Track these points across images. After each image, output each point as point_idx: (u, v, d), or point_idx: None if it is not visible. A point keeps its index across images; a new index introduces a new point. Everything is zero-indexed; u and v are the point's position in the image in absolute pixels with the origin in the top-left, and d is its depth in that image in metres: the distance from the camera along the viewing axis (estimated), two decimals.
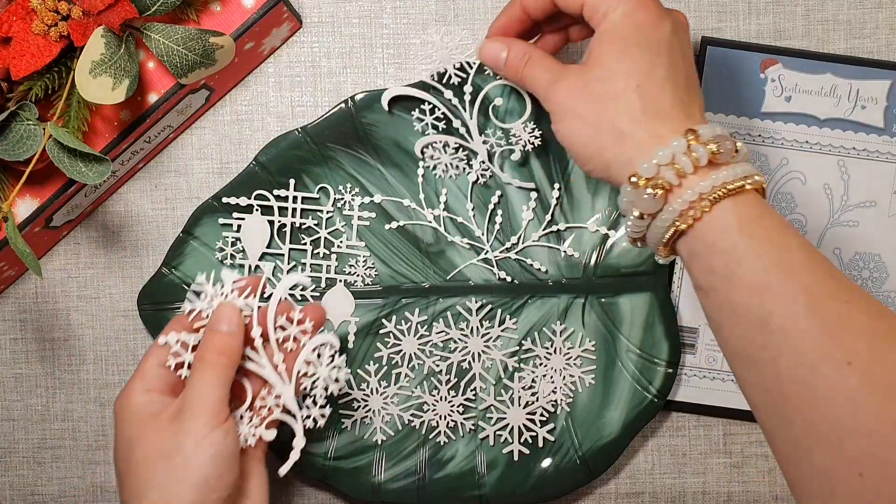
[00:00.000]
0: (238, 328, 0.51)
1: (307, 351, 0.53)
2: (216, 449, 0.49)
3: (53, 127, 0.54)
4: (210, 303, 0.52)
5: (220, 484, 0.49)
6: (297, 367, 0.53)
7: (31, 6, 0.54)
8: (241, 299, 0.52)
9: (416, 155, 0.62)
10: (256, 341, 0.52)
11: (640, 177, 0.47)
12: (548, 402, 0.63)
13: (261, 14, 0.59)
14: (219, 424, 0.49)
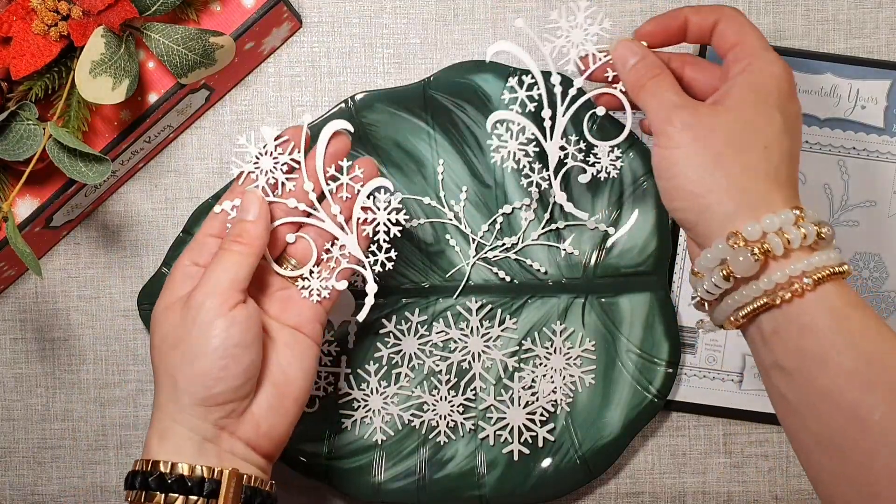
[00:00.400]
0: (260, 215, 0.51)
1: (362, 197, 0.53)
2: (219, 339, 0.48)
3: (53, 127, 0.54)
4: (256, 164, 0.52)
5: (226, 374, 0.48)
6: (355, 215, 0.53)
7: (31, 6, 0.54)
8: (286, 156, 0.52)
9: (486, 129, 0.57)
10: (311, 195, 0.52)
11: (741, 236, 0.45)
12: (548, 402, 0.63)
13: (261, 14, 0.59)
14: (226, 311, 0.48)
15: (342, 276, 0.53)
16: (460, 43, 0.66)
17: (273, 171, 0.52)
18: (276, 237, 0.53)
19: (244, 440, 0.50)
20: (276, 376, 0.51)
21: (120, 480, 0.67)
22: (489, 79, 0.63)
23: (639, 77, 0.51)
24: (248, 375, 0.49)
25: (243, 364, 0.49)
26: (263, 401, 0.51)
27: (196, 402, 0.48)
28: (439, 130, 0.63)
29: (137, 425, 0.66)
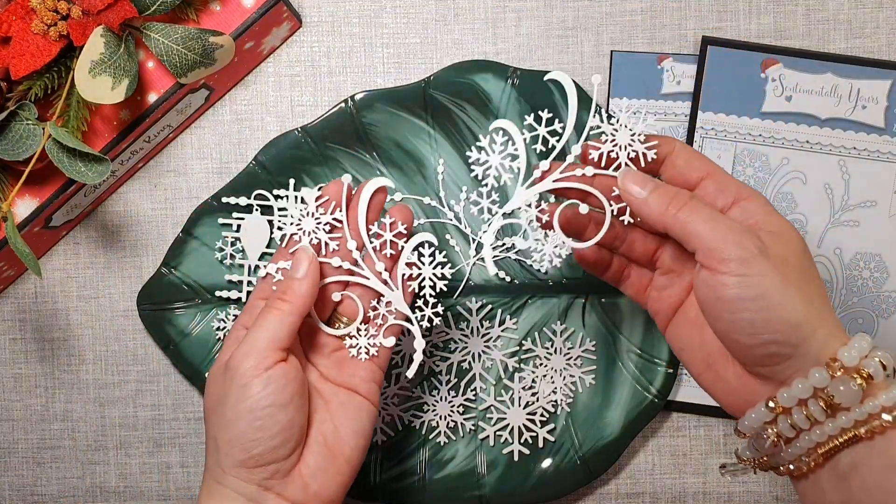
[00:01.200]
0: (308, 273, 0.49)
1: (407, 252, 0.52)
2: (254, 399, 0.47)
3: (53, 126, 0.54)
4: (298, 225, 0.51)
5: (263, 435, 0.47)
6: (400, 271, 0.52)
7: (31, 6, 0.54)
8: (327, 215, 0.51)
9: (487, 133, 0.53)
10: (354, 253, 0.51)
11: (840, 363, 0.43)
12: (548, 403, 0.63)
13: (260, 13, 0.59)
14: (262, 371, 0.47)
15: (390, 332, 0.52)
16: (460, 43, 0.66)
17: (316, 231, 0.51)
18: (323, 296, 0.52)
19: (292, 501, 0.49)
20: (327, 437, 0.50)
21: (119, 480, 0.67)
22: (489, 78, 0.63)
23: (670, 200, 0.45)
24: (286, 435, 0.48)
25: (280, 423, 0.48)
26: (312, 461, 0.49)
27: (236, 464, 0.48)
28: (439, 130, 0.63)
29: (137, 425, 0.66)
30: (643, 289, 0.52)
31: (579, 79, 0.64)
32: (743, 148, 0.64)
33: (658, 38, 0.65)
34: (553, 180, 0.49)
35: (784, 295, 0.43)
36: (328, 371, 0.52)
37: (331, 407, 0.51)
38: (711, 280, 0.44)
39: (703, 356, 0.48)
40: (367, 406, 0.52)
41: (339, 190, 0.51)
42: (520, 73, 0.63)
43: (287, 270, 0.50)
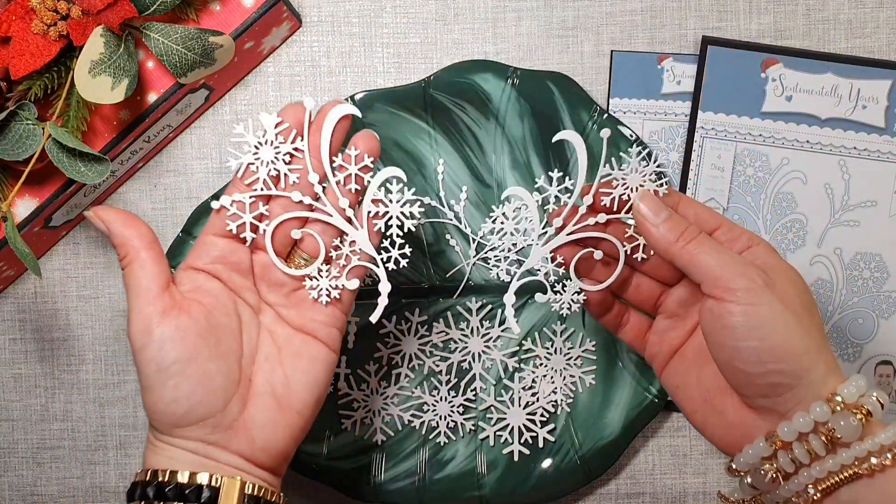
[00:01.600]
0: (117, 222, 0.47)
1: (373, 188, 0.48)
2: (155, 363, 0.45)
3: (53, 126, 0.54)
4: (255, 154, 0.48)
5: (180, 394, 0.45)
6: (365, 208, 0.48)
7: (31, 5, 0.54)
8: (288, 144, 0.47)
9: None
10: (316, 187, 0.48)
11: (841, 399, 0.43)
12: (548, 403, 0.63)
13: (260, 13, 0.59)
14: (152, 333, 0.45)
15: (353, 274, 0.49)
16: (460, 43, 0.66)
17: (274, 161, 0.48)
18: (281, 234, 0.49)
19: (239, 454, 0.47)
20: (276, 387, 0.48)
21: (119, 481, 0.67)
22: (489, 78, 0.63)
23: (680, 230, 0.47)
24: (208, 387, 0.46)
25: (196, 377, 0.46)
26: (259, 414, 0.48)
27: (169, 428, 0.46)
28: (439, 130, 0.63)
29: (137, 425, 0.66)
30: (641, 334, 0.53)
31: (579, 79, 0.64)
32: (743, 148, 0.64)
33: (658, 38, 0.65)
34: (567, 234, 0.50)
35: (788, 325, 0.44)
36: (286, 312, 0.49)
37: (283, 355, 0.49)
38: (717, 308, 0.45)
39: (699, 392, 0.49)
40: (324, 353, 0.49)
41: (300, 115, 0.48)
42: (520, 73, 0.63)
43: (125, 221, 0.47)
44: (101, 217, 0.47)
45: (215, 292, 0.48)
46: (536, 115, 0.63)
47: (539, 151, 0.63)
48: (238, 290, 0.49)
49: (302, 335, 0.49)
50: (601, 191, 0.49)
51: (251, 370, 0.48)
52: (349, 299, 0.50)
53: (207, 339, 0.47)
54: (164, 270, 0.47)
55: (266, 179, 0.48)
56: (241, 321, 0.49)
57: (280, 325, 0.50)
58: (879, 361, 0.65)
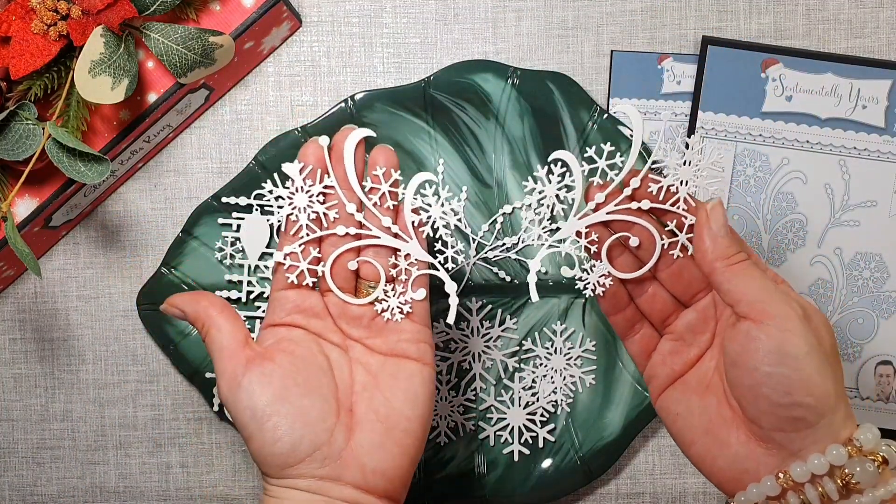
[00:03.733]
0: (190, 299, 0.49)
1: (409, 199, 0.49)
2: (250, 411, 0.46)
3: (53, 126, 0.54)
4: (291, 204, 0.49)
5: (281, 434, 0.46)
6: (408, 220, 0.49)
7: (31, 5, 0.54)
8: (318, 185, 0.49)
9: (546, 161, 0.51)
10: (356, 216, 0.49)
11: (859, 444, 0.43)
12: (548, 403, 0.63)
13: (260, 13, 0.59)
14: (239, 383, 0.47)
15: (417, 284, 0.50)
16: (460, 43, 0.66)
17: (311, 205, 0.49)
18: (341, 270, 0.50)
19: (353, 484, 0.47)
20: (379, 411, 0.48)
21: (119, 481, 0.67)
22: (489, 78, 0.63)
23: (735, 252, 0.46)
24: (306, 420, 0.47)
25: (291, 414, 0.46)
26: (365, 439, 0.47)
27: (278, 471, 0.47)
28: (439, 130, 0.63)
29: (136, 425, 0.66)
30: (648, 350, 0.51)
31: (579, 78, 0.64)
32: (743, 148, 0.64)
33: (658, 38, 0.65)
34: (607, 212, 0.48)
35: (821, 364, 0.43)
36: (372, 342, 0.50)
37: (380, 381, 0.49)
38: (755, 331, 0.44)
39: (702, 422, 0.48)
40: (419, 369, 0.49)
41: (319, 154, 0.49)
42: (520, 72, 0.63)
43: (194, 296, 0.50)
44: (174, 304, 0.50)
45: (297, 339, 0.49)
46: (536, 114, 0.63)
47: (539, 151, 0.63)
48: (320, 332, 0.50)
49: (393, 359, 0.50)
50: (651, 177, 0.48)
51: (350, 401, 0.49)
52: (424, 311, 0.50)
53: (296, 378, 0.47)
54: (241, 328, 0.48)
55: (309, 224, 0.49)
56: (330, 359, 0.50)
57: (370, 356, 0.50)
58: (879, 361, 0.65)
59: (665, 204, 0.48)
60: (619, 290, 0.50)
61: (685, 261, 0.49)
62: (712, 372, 0.48)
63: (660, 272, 0.50)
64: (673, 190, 0.47)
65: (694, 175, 0.47)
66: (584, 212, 0.49)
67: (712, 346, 0.49)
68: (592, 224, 0.49)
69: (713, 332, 0.49)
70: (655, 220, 0.48)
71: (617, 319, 0.51)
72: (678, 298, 0.50)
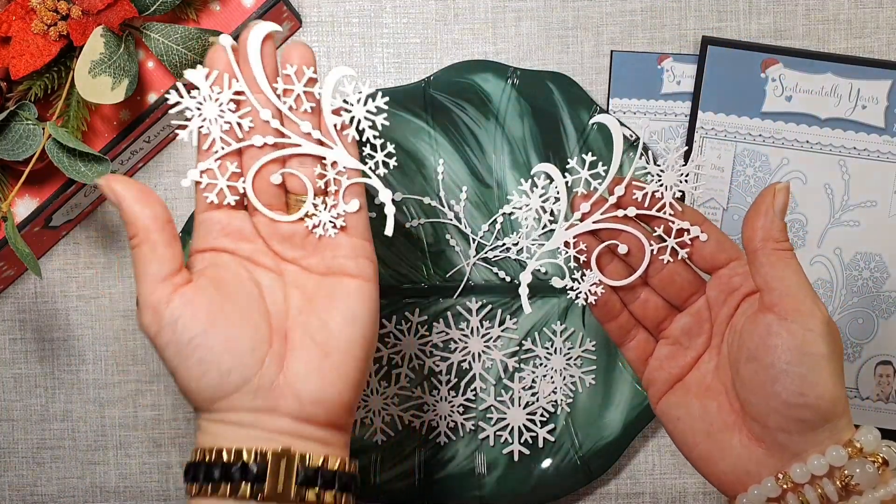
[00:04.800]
0: (126, 197, 0.44)
1: (327, 99, 0.45)
2: (174, 345, 0.43)
3: (53, 126, 0.54)
4: (201, 115, 0.44)
5: (208, 367, 0.43)
6: (329, 122, 0.45)
7: (31, 5, 0.54)
8: (227, 92, 0.44)
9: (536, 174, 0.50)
10: (272, 123, 0.45)
11: (860, 446, 0.43)
12: (548, 403, 0.63)
13: (260, 13, 0.59)
14: (162, 315, 0.43)
15: (350, 194, 0.45)
16: (460, 43, 0.66)
17: (222, 115, 0.44)
18: (265, 184, 0.46)
19: (289, 415, 0.44)
20: (315, 335, 0.45)
21: (119, 481, 0.67)
22: (489, 78, 0.63)
23: (786, 237, 0.45)
24: (234, 352, 0.43)
25: (218, 345, 0.43)
26: (300, 366, 0.44)
27: (209, 405, 0.44)
28: (439, 130, 0.63)
29: (137, 425, 0.66)
30: (645, 356, 0.51)
31: (579, 79, 0.64)
32: (743, 148, 0.64)
33: (658, 38, 0.65)
34: (593, 221, 0.48)
35: (836, 368, 0.43)
36: (308, 262, 0.47)
37: (316, 303, 0.46)
38: (777, 326, 0.44)
39: (703, 425, 0.47)
40: (358, 286, 0.46)
41: (224, 57, 0.44)
42: (520, 73, 0.63)
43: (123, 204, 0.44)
44: (113, 189, 0.44)
45: (224, 264, 0.46)
46: (536, 115, 0.63)
47: (539, 151, 0.63)
48: (251, 256, 0.47)
49: (331, 278, 0.46)
50: (635, 183, 0.47)
51: (285, 327, 0.46)
52: (362, 223, 0.47)
53: (224, 307, 0.44)
54: (176, 254, 0.45)
55: (223, 136, 0.45)
56: (261, 286, 0.46)
57: (307, 277, 0.47)
58: (879, 361, 0.65)
59: (651, 210, 0.48)
60: (612, 298, 0.50)
61: (676, 265, 0.48)
62: (711, 374, 0.48)
63: (651, 278, 0.49)
64: (658, 196, 0.47)
65: (679, 180, 0.47)
66: (571, 222, 0.49)
67: (710, 348, 0.49)
68: (580, 234, 0.48)
69: (709, 334, 0.49)
70: (643, 226, 0.48)
71: (611, 327, 0.51)
72: (671, 303, 0.50)
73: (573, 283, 0.49)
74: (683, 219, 0.47)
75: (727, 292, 0.47)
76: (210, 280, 0.45)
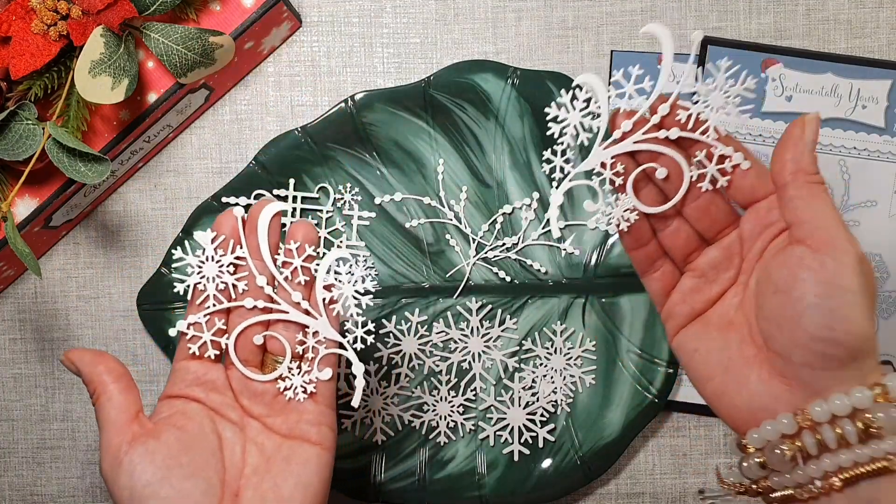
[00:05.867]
0: (86, 362, 0.48)
1: (322, 275, 0.48)
2: (128, 490, 0.46)
3: (53, 126, 0.54)
4: (200, 273, 0.48)
5: None
6: (319, 296, 0.48)
7: (31, 5, 0.54)
8: (229, 256, 0.48)
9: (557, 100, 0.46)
10: (266, 289, 0.48)
11: (888, 389, 0.41)
12: (548, 403, 0.63)
13: (260, 13, 0.59)
14: (119, 463, 0.46)
15: (324, 364, 0.49)
16: (460, 43, 0.66)
17: (220, 275, 0.48)
18: (247, 343, 0.49)
19: None
20: (266, 496, 0.47)
21: None
22: (489, 78, 0.63)
23: (817, 168, 0.44)
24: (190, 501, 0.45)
25: (170, 497, 0.45)
26: None
27: None
28: (439, 130, 0.63)
29: None
30: (668, 288, 0.48)
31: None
32: None
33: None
34: (633, 142, 0.45)
35: (868, 305, 0.42)
36: (272, 421, 0.49)
37: (272, 465, 0.48)
38: (810, 258, 0.42)
39: (721, 359, 0.46)
40: (316, 454, 0.48)
41: (232, 224, 0.48)
42: (520, 72, 0.63)
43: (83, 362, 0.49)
44: (70, 359, 0.49)
45: (191, 413, 0.48)
46: (536, 114, 0.63)
47: (539, 151, 0.63)
48: (218, 408, 0.49)
49: (290, 441, 0.48)
50: (679, 104, 0.45)
51: (238, 485, 0.47)
52: (329, 392, 0.49)
53: (180, 459, 0.46)
54: (134, 401, 0.48)
55: (216, 294, 0.48)
56: (222, 439, 0.48)
57: (267, 436, 0.49)
58: (879, 361, 0.65)
59: (695, 133, 0.45)
60: (643, 225, 0.47)
61: (712, 195, 0.46)
62: (735, 309, 0.46)
63: (685, 206, 0.47)
64: (703, 118, 0.45)
65: (725, 102, 0.44)
66: (610, 141, 0.45)
67: (736, 284, 0.47)
68: (618, 154, 0.45)
69: (738, 269, 0.47)
70: (683, 150, 0.46)
71: (638, 255, 0.48)
72: (702, 235, 0.47)
73: (606, 207, 0.46)
74: (727, 145, 0.45)
75: (763, 226, 0.45)
76: (173, 429, 0.47)
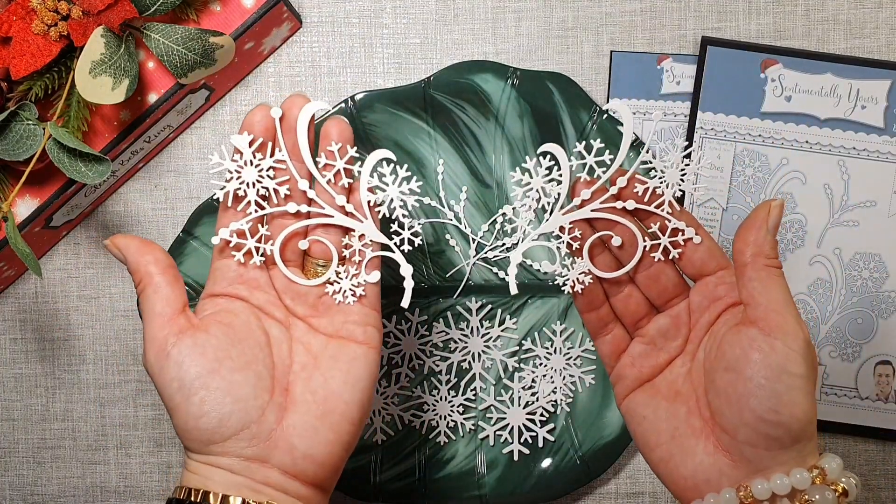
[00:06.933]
0: (130, 249, 0.47)
1: (365, 177, 0.47)
2: (177, 382, 0.44)
3: (53, 127, 0.54)
4: (240, 178, 0.47)
5: (209, 408, 0.44)
6: (364, 199, 0.47)
7: (31, 6, 0.54)
8: (268, 159, 0.47)
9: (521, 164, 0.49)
10: (309, 193, 0.47)
11: (824, 470, 0.44)
12: (548, 402, 0.63)
13: (261, 14, 0.59)
14: (167, 354, 0.45)
15: (371, 266, 0.48)
16: (460, 43, 0.66)
17: (260, 180, 0.47)
18: (289, 248, 0.48)
19: (280, 468, 0.45)
20: (316, 392, 0.46)
21: (119, 480, 0.67)
22: (489, 78, 0.63)
23: (776, 253, 0.46)
24: (236, 397, 0.45)
25: (221, 388, 0.44)
26: (298, 420, 0.46)
27: (203, 447, 0.45)
28: (439, 130, 0.63)
29: (137, 425, 0.66)
30: (619, 351, 0.50)
31: (579, 79, 0.64)
32: (742, 148, 0.64)
33: (658, 38, 0.65)
34: (591, 209, 0.48)
35: (811, 390, 0.44)
36: (317, 322, 0.48)
37: (320, 362, 0.47)
38: (760, 340, 0.44)
39: (668, 428, 0.47)
40: (364, 352, 0.48)
41: (268, 124, 0.47)
42: (520, 73, 0.63)
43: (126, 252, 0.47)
44: (117, 245, 0.47)
45: (237, 310, 0.47)
46: (536, 115, 0.63)
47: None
48: (262, 306, 0.48)
49: (337, 340, 0.48)
50: (637, 177, 0.47)
51: (287, 380, 0.47)
52: (375, 294, 0.49)
53: (230, 352, 0.45)
54: (180, 295, 0.47)
55: (257, 200, 0.47)
56: (269, 336, 0.48)
57: (313, 336, 0.48)
58: (879, 361, 0.65)
59: (650, 206, 0.47)
60: (596, 288, 0.50)
61: (664, 265, 0.48)
62: (683, 378, 0.48)
63: (637, 274, 0.49)
64: (658, 192, 0.47)
65: (680, 179, 0.47)
66: (569, 207, 0.48)
67: (684, 353, 0.48)
68: (576, 220, 0.48)
69: (685, 339, 0.48)
70: (639, 222, 0.48)
71: (590, 318, 0.50)
72: (652, 302, 0.49)
73: (563, 269, 0.49)
74: (680, 219, 0.47)
75: (711, 300, 0.47)
76: (220, 325, 0.47)
